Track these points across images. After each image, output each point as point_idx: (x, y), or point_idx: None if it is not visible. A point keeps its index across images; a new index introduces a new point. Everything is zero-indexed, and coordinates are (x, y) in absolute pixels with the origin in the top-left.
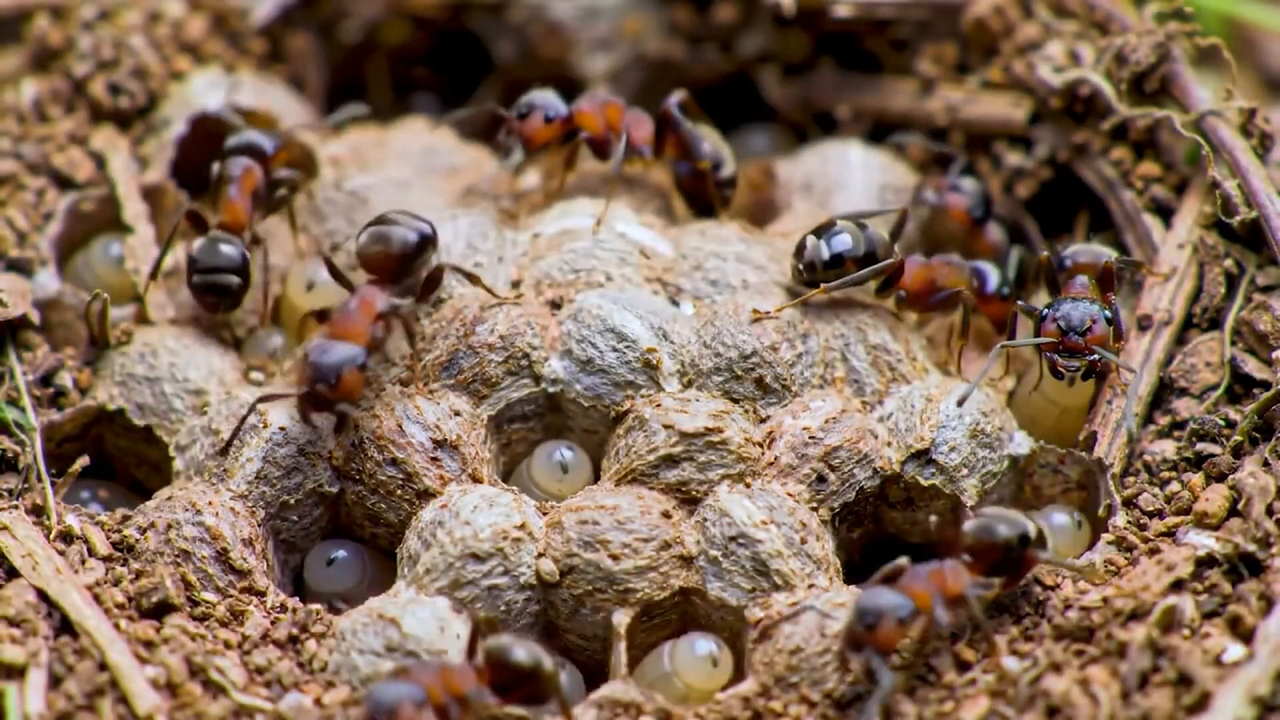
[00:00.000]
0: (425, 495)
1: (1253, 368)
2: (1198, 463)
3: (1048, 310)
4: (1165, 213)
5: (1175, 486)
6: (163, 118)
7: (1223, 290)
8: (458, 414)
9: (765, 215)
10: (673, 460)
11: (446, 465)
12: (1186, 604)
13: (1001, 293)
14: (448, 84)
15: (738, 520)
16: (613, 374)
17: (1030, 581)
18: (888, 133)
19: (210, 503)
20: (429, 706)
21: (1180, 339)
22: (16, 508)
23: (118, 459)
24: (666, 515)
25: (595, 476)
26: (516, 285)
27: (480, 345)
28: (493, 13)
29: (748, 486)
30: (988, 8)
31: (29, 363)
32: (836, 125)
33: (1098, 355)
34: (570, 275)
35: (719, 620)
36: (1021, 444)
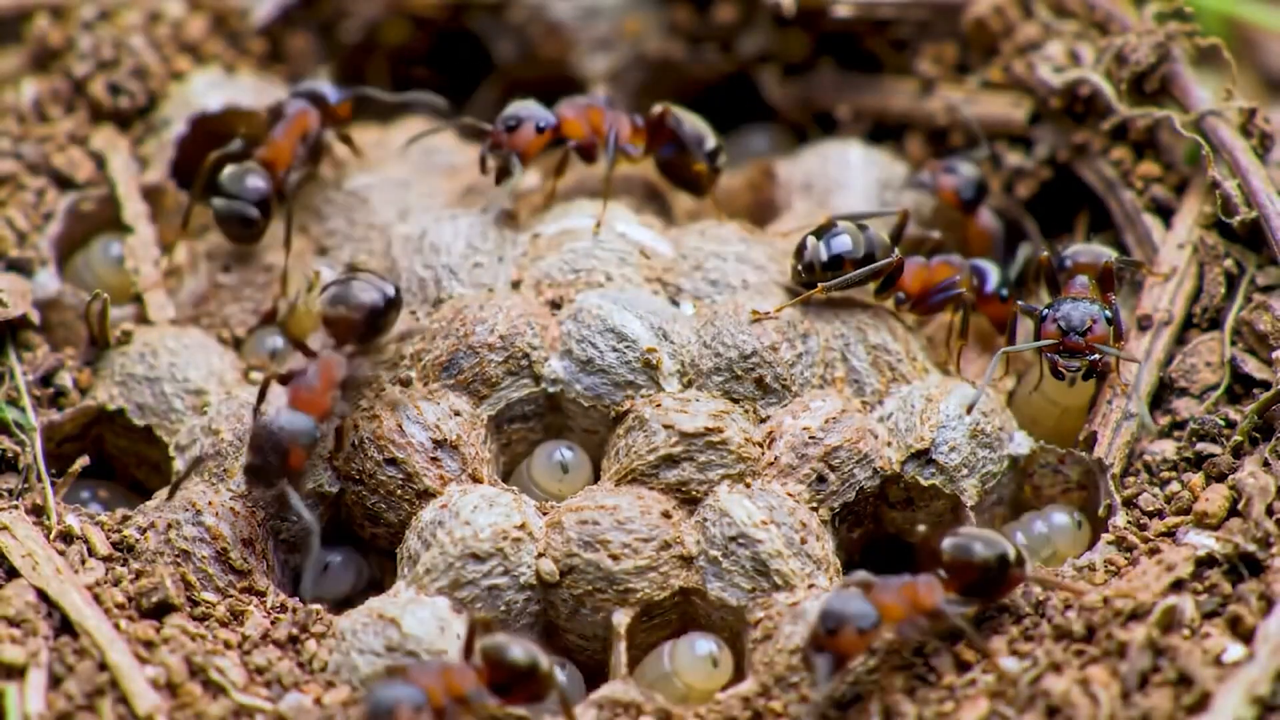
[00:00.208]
0: (425, 495)
1: (1253, 368)
2: (1198, 463)
3: (1048, 311)
4: (1165, 213)
5: (1175, 486)
6: (163, 118)
7: (1223, 290)
8: (458, 414)
9: (765, 215)
10: (673, 460)
11: (446, 465)
12: (1186, 604)
13: (1000, 293)
14: (448, 84)
15: (738, 520)
16: (613, 374)
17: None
18: (888, 133)
19: (210, 503)
20: (428, 709)
21: (1180, 339)
22: (16, 508)
23: (118, 459)
24: (666, 515)
25: (595, 476)
26: (517, 285)
27: (480, 345)
28: (493, 13)
29: (748, 486)
30: (988, 8)
31: (29, 363)
32: (836, 125)
33: (1098, 355)
34: (570, 275)
35: (719, 620)
36: (1021, 444)
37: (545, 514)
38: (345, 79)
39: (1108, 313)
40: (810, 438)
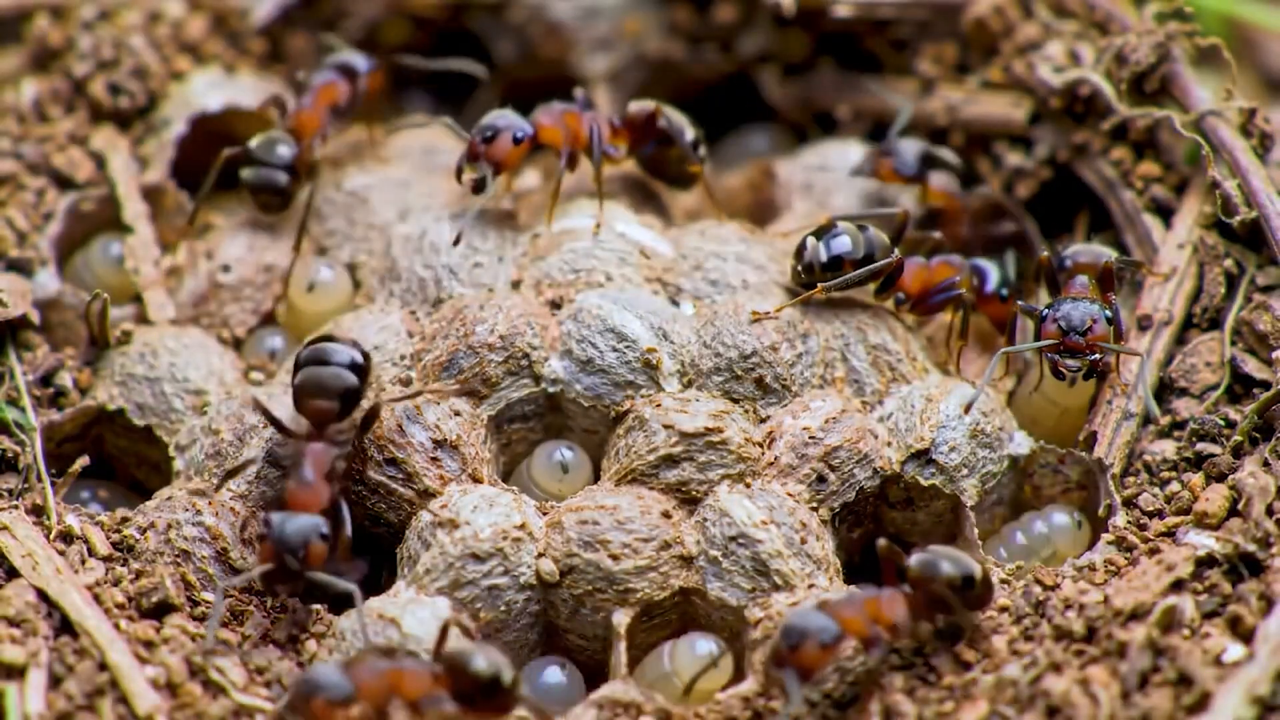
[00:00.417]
0: (425, 495)
1: (1253, 368)
2: (1198, 463)
3: (1048, 311)
4: (1165, 213)
5: (1175, 486)
6: (163, 118)
7: (1223, 290)
8: (458, 414)
9: (765, 215)
10: (673, 460)
11: (446, 465)
12: (1186, 604)
13: (1000, 293)
14: (448, 84)
15: (738, 520)
16: (613, 374)
17: (1030, 582)
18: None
19: (210, 503)
20: (351, 705)
21: (1180, 339)
22: (16, 508)
23: (118, 459)
24: (666, 515)
25: (595, 476)
26: (517, 285)
27: (480, 345)
28: (493, 13)
29: (748, 486)
30: (988, 8)
31: (29, 363)
32: (836, 125)
33: (1099, 354)
34: (570, 275)
35: (719, 620)
36: (1021, 444)
37: (545, 514)
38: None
39: (1108, 312)
40: (810, 438)
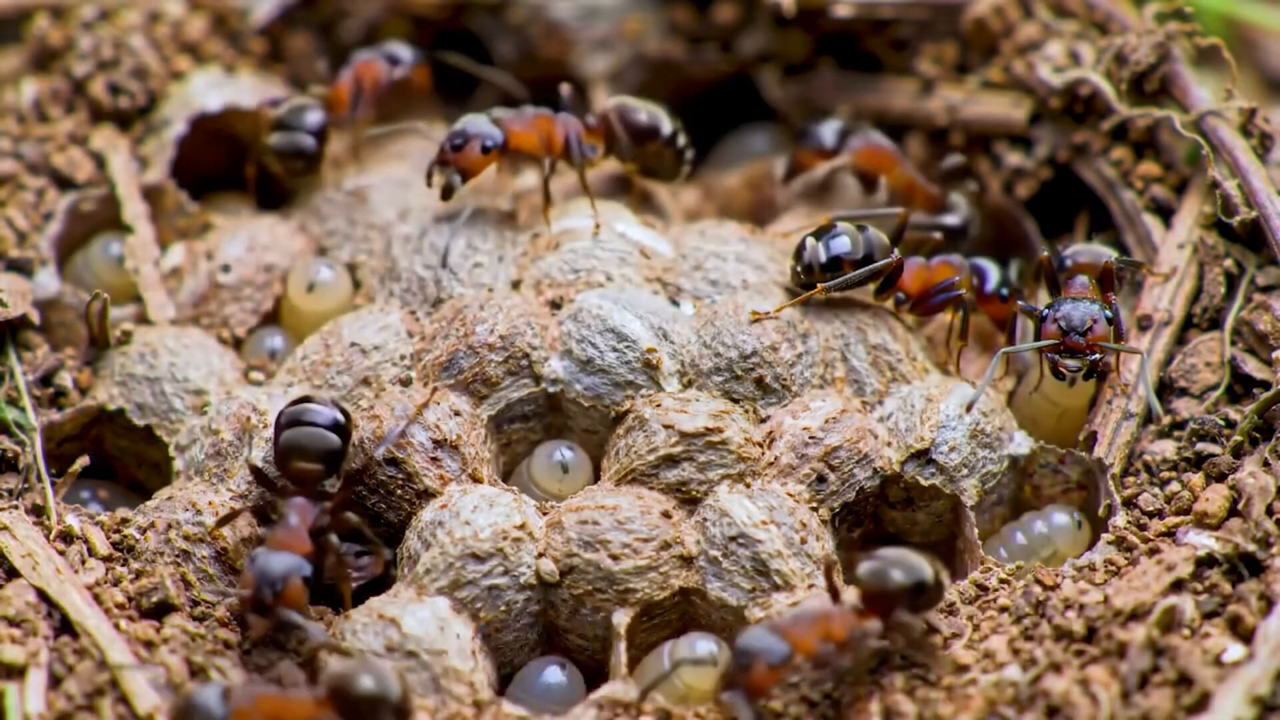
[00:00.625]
0: (425, 495)
1: (1253, 368)
2: (1198, 463)
3: (1048, 311)
4: (1165, 213)
5: (1175, 486)
6: (163, 118)
7: (1223, 290)
8: (458, 414)
9: (765, 215)
10: (673, 460)
11: (446, 465)
12: (1186, 604)
13: (1000, 292)
14: (447, 84)
15: (738, 520)
16: (613, 374)
17: (1030, 582)
18: (888, 133)
19: (210, 503)
20: None
21: (1180, 339)
22: (16, 508)
23: (118, 459)
24: (666, 515)
25: (595, 476)
26: (517, 285)
27: (480, 345)
28: (493, 13)
29: (748, 486)
30: (988, 8)
31: (29, 363)
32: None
33: (1099, 354)
34: (570, 275)
35: (719, 620)
36: (1021, 444)
37: (545, 514)
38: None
39: (1108, 312)
40: (810, 438)
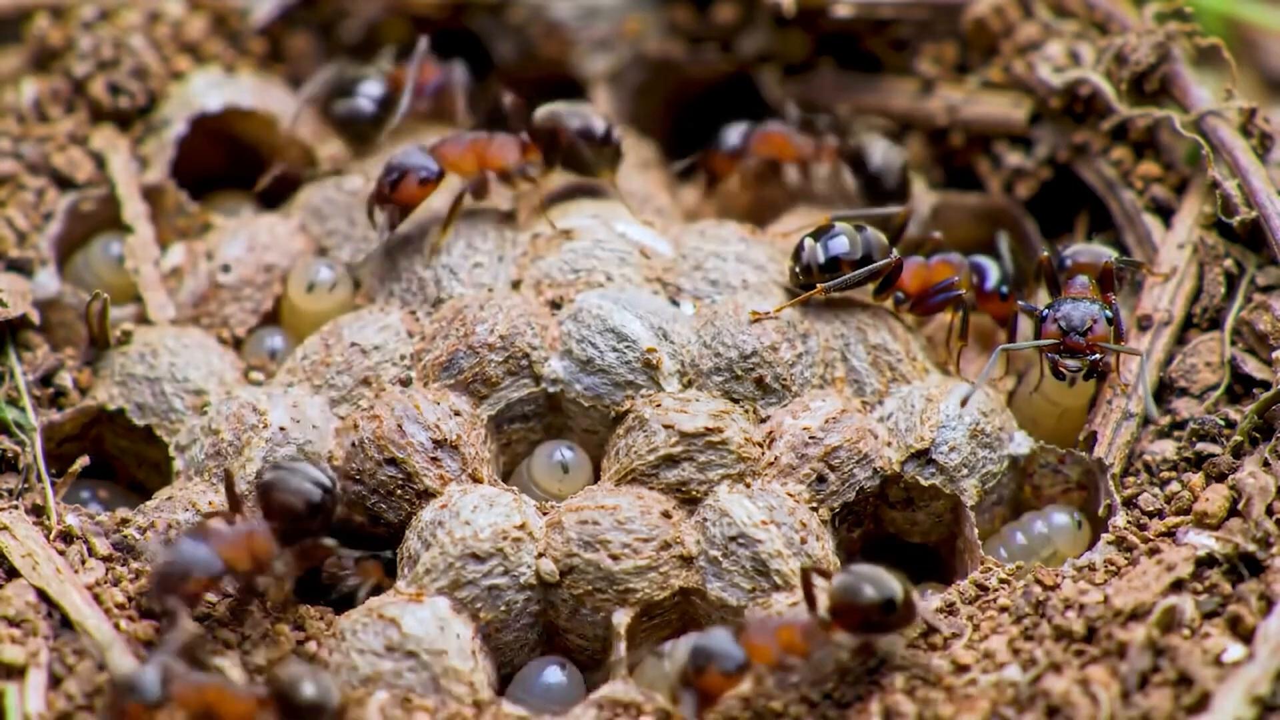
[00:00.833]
0: (425, 495)
1: (1253, 368)
2: (1198, 463)
3: (1048, 311)
4: (1165, 213)
5: (1175, 486)
6: (163, 118)
7: (1223, 290)
8: (458, 414)
9: (765, 215)
10: (673, 460)
11: (446, 465)
12: (1186, 604)
13: (1001, 290)
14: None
15: (738, 520)
16: (613, 374)
17: (1030, 582)
18: (888, 133)
19: (210, 503)
20: (159, 711)
21: (1180, 339)
22: (16, 508)
23: (118, 459)
24: (666, 515)
25: (595, 476)
26: (517, 285)
27: (480, 345)
28: (493, 13)
29: (748, 486)
30: (988, 8)
31: (29, 363)
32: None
33: (1099, 354)
34: (570, 275)
35: (719, 620)
36: (1021, 444)
37: (545, 514)
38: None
39: (1108, 312)
40: (810, 438)
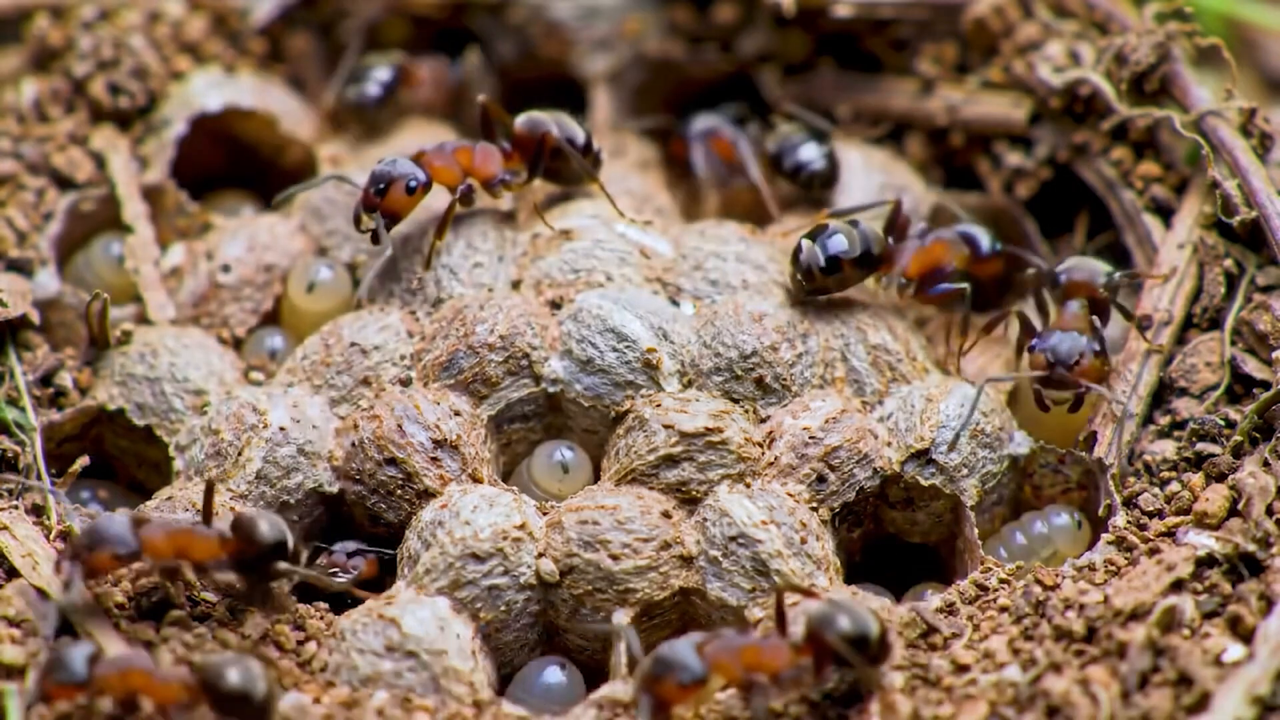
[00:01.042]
0: (425, 495)
1: (1253, 368)
2: (1198, 463)
3: (1036, 341)
4: (1165, 213)
5: (1175, 486)
6: (163, 118)
7: (1223, 290)
8: (458, 414)
9: (765, 215)
10: (673, 460)
11: (446, 465)
12: (1186, 604)
13: (995, 249)
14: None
15: (738, 520)
16: (613, 374)
17: (1030, 582)
18: (889, 133)
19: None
20: (83, 690)
21: (1180, 339)
22: (16, 508)
23: (118, 459)
24: (666, 515)
25: (595, 476)
26: (517, 285)
27: (480, 345)
28: (493, 13)
29: (748, 486)
30: (988, 8)
31: (29, 363)
32: (836, 125)
33: (1084, 388)
34: (570, 275)
35: (719, 620)
36: (1021, 444)
37: (545, 514)
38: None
39: (1096, 345)
40: (810, 438)
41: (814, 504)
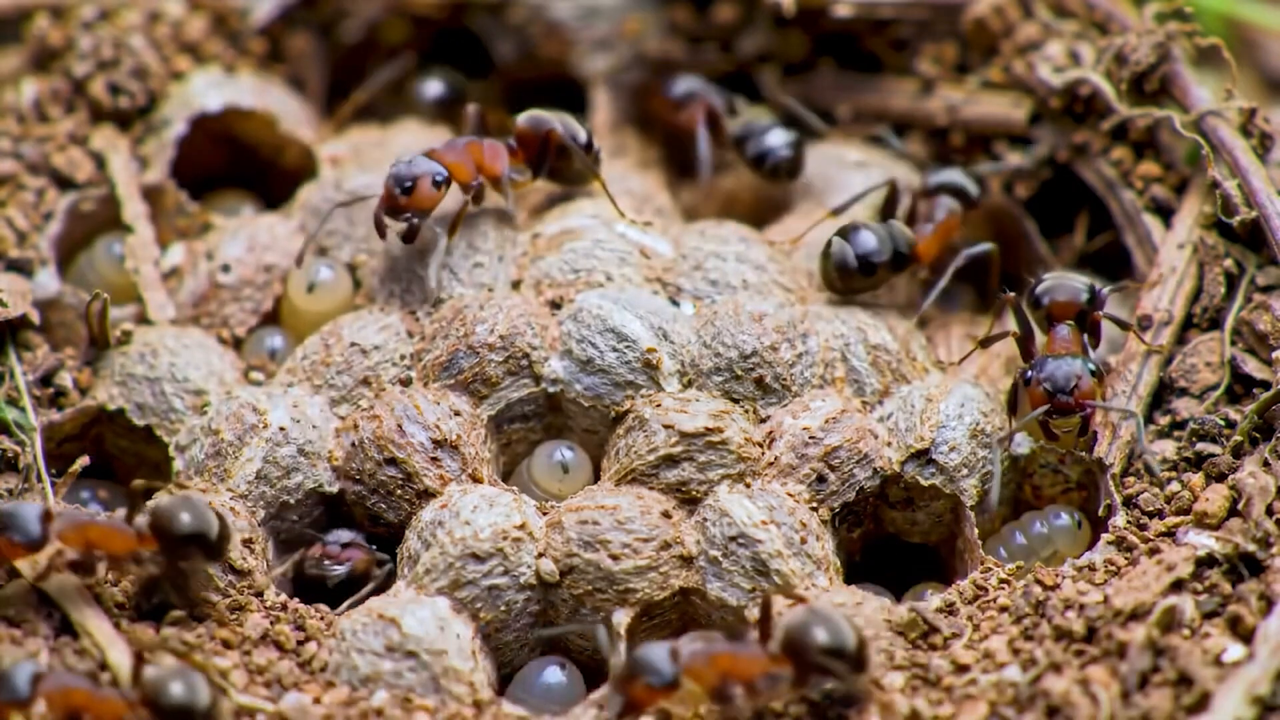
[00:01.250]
0: (425, 495)
1: (1253, 368)
2: (1198, 463)
3: (1032, 374)
4: (1165, 213)
5: (1175, 486)
6: (163, 118)
7: (1223, 290)
8: (458, 414)
9: (766, 215)
10: (673, 460)
11: (446, 465)
12: (1186, 604)
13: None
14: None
15: (738, 520)
16: (613, 374)
17: (1030, 582)
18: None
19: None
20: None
21: (1180, 339)
22: None
23: (118, 459)
24: (666, 515)
25: (595, 476)
26: (517, 285)
27: (480, 345)
28: (493, 13)
29: (748, 486)
30: (988, 8)
31: (29, 363)
32: (836, 125)
33: (1089, 408)
34: (570, 275)
35: (719, 620)
36: (1021, 444)
37: (545, 514)
38: (345, 79)
39: (1091, 365)
40: (810, 438)
41: (814, 504)
